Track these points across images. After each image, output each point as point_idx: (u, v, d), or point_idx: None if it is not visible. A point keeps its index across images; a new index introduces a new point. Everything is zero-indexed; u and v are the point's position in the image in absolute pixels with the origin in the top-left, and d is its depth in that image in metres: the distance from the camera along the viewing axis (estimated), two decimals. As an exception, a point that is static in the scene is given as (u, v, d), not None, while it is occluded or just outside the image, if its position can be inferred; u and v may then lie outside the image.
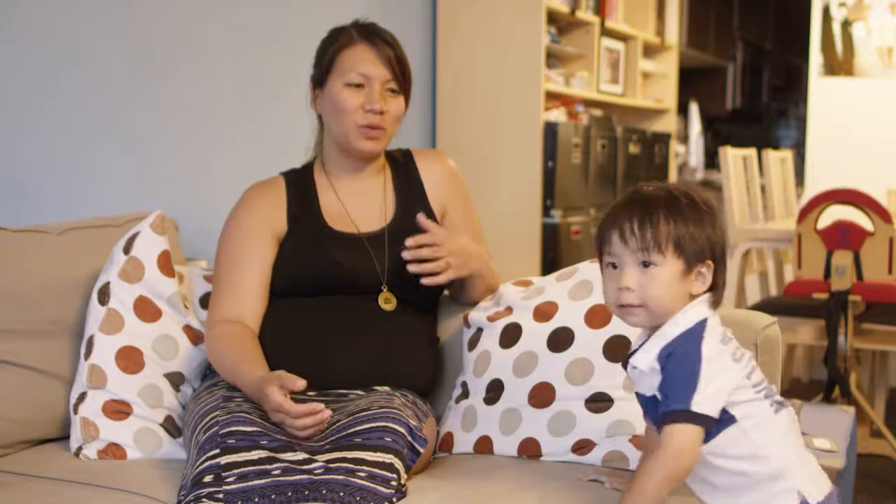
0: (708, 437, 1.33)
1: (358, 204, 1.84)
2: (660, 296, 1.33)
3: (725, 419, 1.34)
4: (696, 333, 1.33)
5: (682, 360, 1.32)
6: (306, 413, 1.46)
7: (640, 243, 1.33)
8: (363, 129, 1.77)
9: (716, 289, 1.39)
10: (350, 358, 1.70)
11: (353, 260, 1.76)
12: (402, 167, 1.91)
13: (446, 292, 1.93)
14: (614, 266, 1.36)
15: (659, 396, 1.33)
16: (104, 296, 1.80)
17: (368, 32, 1.80)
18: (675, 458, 1.30)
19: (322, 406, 1.48)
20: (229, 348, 1.68)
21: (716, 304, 1.39)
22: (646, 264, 1.33)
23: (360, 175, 1.86)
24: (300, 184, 1.86)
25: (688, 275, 1.35)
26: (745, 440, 1.35)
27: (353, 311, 1.75)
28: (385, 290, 1.77)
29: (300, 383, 1.48)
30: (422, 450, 1.52)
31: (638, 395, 1.41)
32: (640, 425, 1.59)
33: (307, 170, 1.89)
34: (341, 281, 1.75)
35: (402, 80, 1.80)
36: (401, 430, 1.51)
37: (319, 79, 1.82)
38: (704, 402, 1.30)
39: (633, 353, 1.39)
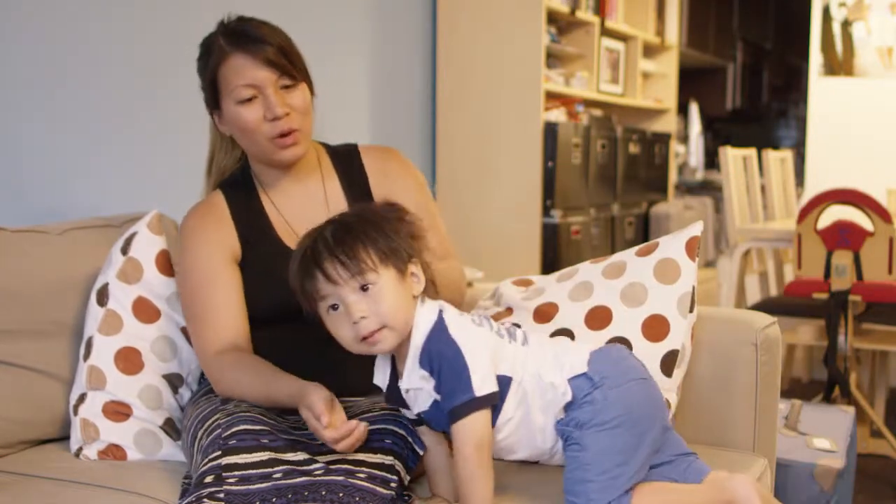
0: (500, 405, 1.40)
1: (302, 220, 1.69)
2: (393, 308, 1.36)
3: (504, 382, 1.41)
4: (440, 327, 1.38)
5: (445, 357, 1.36)
6: (344, 436, 1.41)
7: (350, 271, 1.34)
8: (276, 141, 1.65)
9: (427, 282, 1.43)
10: (338, 374, 1.64)
11: None
12: (347, 167, 1.80)
13: None
14: (335, 307, 1.37)
15: (439, 399, 1.38)
16: (103, 297, 1.80)
17: (238, 37, 1.64)
18: (478, 449, 1.35)
19: (355, 422, 1.41)
20: (247, 372, 1.59)
21: (433, 294, 1.43)
22: (364, 287, 1.35)
23: (296, 184, 1.75)
24: (242, 198, 1.74)
25: (403, 279, 1.38)
26: (521, 390, 1.42)
27: (316, 335, 1.62)
28: None
29: (324, 420, 1.40)
30: (422, 453, 1.52)
31: (419, 416, 1.44)
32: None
33: (246, 178, 1.77)
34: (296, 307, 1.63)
35: (292, 70, 1.65)
36: (402, 432, 1.51)
37: (212, 102, 1.70)
38: (482, 381, 1.36)
39: (395, 384, 1.43)
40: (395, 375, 1.44)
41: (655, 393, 1.48)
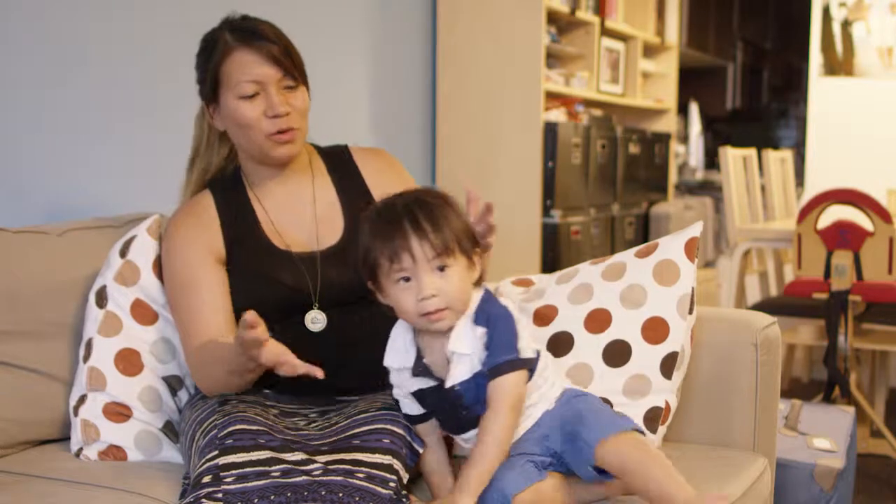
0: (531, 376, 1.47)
1: (288, 220, 1.74)
2: (460, 292, 1.43)
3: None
4: (490, 297, 1.47)
5: (500, 315, 1.44)
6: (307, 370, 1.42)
7: (436, 251, 1.40)
8: (274, 137, 1.66)
9: (482, 271, 1.49)
10: (333, 373, 1.60)
11: (299, 279, 1.68)
12: (340, 166, 1.81)
13: None
14: (406, 279, 1.42)
15: (482, 361, 1.42)
16: (101, 299, 1.80)
17: (244, 33, 1.66)
18: (512, 409, 1.42)
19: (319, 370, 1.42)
20: (212, 358, 1.60)
21: (480, 280, 1.49)
22: (441, 268, 1.41)
23: (284, 184, 1.75)
24: (231, 197, 1.75)
25: (471, 266, 1.45)
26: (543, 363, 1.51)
27: (297, 334, 1.64)
28: (316, 308, 1.67)
29: (260, 330, 1.38)
30: (420, 451, 1.52)
31: (449, 389, 1.45)
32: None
33: (236, 177, 1.78)
34: (291, 303, 1.66)
35: (294, 72, 1.67)
36: (400, 431, 1.51)
37: (210, 96, 1.70)
38: (525, 346, 1.44)
39: (418, 361, 1.47)
40: (419, 352, 1.48)
41: None
